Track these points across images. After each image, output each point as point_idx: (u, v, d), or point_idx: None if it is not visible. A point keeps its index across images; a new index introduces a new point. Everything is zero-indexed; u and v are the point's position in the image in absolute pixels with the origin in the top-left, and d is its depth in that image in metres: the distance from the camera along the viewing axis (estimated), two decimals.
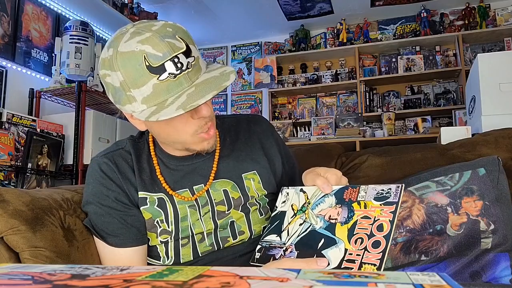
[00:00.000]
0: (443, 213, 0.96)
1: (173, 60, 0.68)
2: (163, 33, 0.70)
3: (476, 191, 0.96)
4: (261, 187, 0.90)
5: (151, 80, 0.69)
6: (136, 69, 0.69)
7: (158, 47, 0.68)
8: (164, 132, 0.79)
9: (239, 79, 4.80)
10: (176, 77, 0.69)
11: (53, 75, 2.73)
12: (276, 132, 0.99)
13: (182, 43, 0.70)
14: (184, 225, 0.84)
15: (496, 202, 0.95)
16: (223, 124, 0.95)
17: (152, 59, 0.68)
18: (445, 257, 0.94)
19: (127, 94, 0.71)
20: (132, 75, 0.69)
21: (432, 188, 1.00)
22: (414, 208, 1.00)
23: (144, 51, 0.68)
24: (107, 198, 0.82)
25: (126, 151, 0.87)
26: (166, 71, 0.68)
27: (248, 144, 0.93)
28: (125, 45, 0.70)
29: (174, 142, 0.81)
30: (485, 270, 0.92)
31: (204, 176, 0.87)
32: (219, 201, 0.86)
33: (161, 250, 0.85)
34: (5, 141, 2.26)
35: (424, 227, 0.97)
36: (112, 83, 0.72)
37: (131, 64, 0.69)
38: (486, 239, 0.93)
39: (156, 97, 0.70)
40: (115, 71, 0.71)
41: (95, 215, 0.84)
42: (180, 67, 0.69)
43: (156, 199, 0.84)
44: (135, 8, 3.62)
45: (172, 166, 0.87)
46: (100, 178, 0.83)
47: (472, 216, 0.94)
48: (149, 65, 0.68)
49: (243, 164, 0.90)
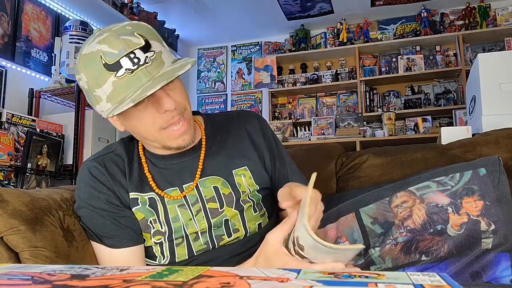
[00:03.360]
0: (444, 213, 0.96)
1: (129, 56, 0.70)
2: (120, 32, 0.72)
3: (476, 191, 0.96)
4: (253, 182, 0.89)
5: (110, 77, 0.71)
6: (95, 69, 0.71)
7: (113, 45, 0.70)
8: (136, 130, 0.80)
9: (239, 79, 4.80)
10: (133, 72, 0.70)
11: (52, 75, 2.73)
12: (268, 129, 0.97)
13: (140, 39, 0.72)
14: (176, 226, 0.84)
15: (496, 202, 0.95)
16: (214, 122, 0.95)
17: (108, 57, 0.70)
18: (446, 257, 0.94)
19: (94, 95, 0.74)
20: (93, 75, 0.72)
21: (432, 188, 1.00)
22: (414, 208, 0.99)
23: (101, 50, 0.71)
24: (99, 200, 0.83)
25: (116, 154, 0.88)
26: (123, 67, 0.70)
27: (238, 140, 0.93)
28: (87, 47, 0.74)
29: (148, 140, 0.82)
30: (485, 270, 0.92)
31: (193, 174, 0.87)
32: (210, 198, 0.86)
33: (157, 250, 0.86)
34: (4, 141, 2.26)
35: (425, 227, 0.97)
36: (83, 86, 0.76)
37: (90, 64, 0.72)
38: (486, 239, 0.93)
39: (118, 94, 0.71)
40: (80, 74, 0.74)
41: (88, 218, 0.84)
42: (136, 62, 0.70)
43: (147, 199, 0.84)
44: (135, 8, 3.62)
45: (161, 165, 0.87)
46: (91, 182, 0.84)
47: (473, 216, 0.94)
48: (106, 63, 0.70)
49: (233, 160, 0.89)
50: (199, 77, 4.93)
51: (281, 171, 0.96)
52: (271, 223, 0.93)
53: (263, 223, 0.91)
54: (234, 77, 4.83)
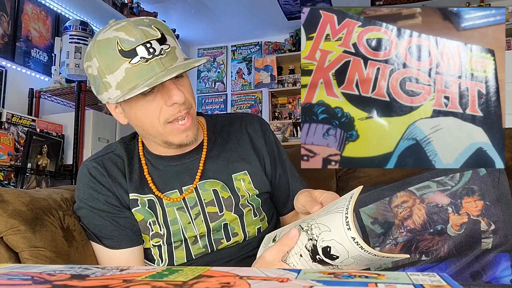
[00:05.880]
0: (444, 213, 0.96)
1: (145, 45, 0.71)
2: (138, 23, 0.73)
3: (476, 191, 0.96)
4: (252, 187, 0.88)
5: (124, 64, 0.71)
6: (110, 54, 0.72)
7: (130, 33, 0.72)
8: (140, 122, 0.79)
9: (239, 79, 4.80)
10: (147, 62, 0.71)
11: (52, 75, 2.73)
12: (271, 134, 0.96)
13: (157, 32, 0.73)
14: (175, 229, 0.83)
15: (497, 202, 0.95)
16: (216, 125, 0.94)
17: (124, 43, 0.71)
18: (446, 257, 0.94)
19: (103, 81, 0.74)
20: (107, 60, 0.72)
21: (432, 188, 1.00)
22: (414, 208, 1.00)
23: (118, 37, 0.72)
24: (98, 201, 0.83)
25: (116, 155, 0.87)
26: (138, 55, 0.71)
27: (239, 144, 0.92)
28: (102, 34, 0.75)
29: (150, 134, 0.81)
30: (485, 270, 0.92)
31: (193, 176, 0.86)
32: (209, 201, 0.85)
33: (155, 253, 0.85)
34: (4, 141, 2.26)
35: (425, 227, 0.97)
36: (92, 73, 0.76)
37: (105, 49, 0.72)
38: (486, 239, 0.93)
39: (129, 81, 0.72)
40: (92, 59, 0.74)
41: (87, 218, 0.84)
42: (152, 52, 0.71)
43: (146, 201, 0.84)
44: (135, 8, 3.62)
45: (160, 167, 0.87)
46: (90, 182, 0.84)
47: (473, 216, 0.94)
48: (121, 49, 0.71)
49: (233, 164, 0.89)
50: (199, 77, 4.93)
51: (282, 177, 0.95)
52: (270, 227, 0.92)
53: (262, 227, 0.90)
54: (234, 77, 4.83)
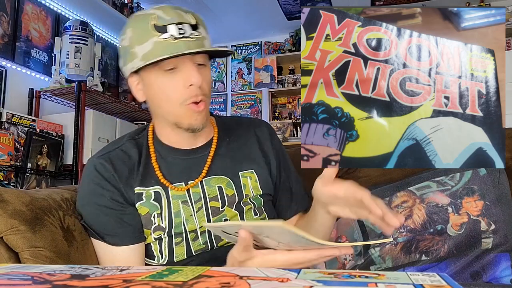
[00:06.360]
0: (444, 213, 0.96)
1: (177, 25, 0.77)
2: (177, 7, 0.80)
3: (476, 191, 0.96)
4: (258, 186, 0.90)
5: (153, 38, 0.77)
6: (143, 27, 0.78)
7: (167, 12, 0.78)
8: (157, 99, 0.82)
9: (239, 79, 4.80)
10: (176, 40, 0.76)
11: (52, 75, 2.73)
12: (277, 139, 0.99)
13: (192, 19, 0.80)
14: (177, 221, 0.84)
15: (496, 202, 0.95)
16: (224, 124, 0.97)
17: (158, 20, 0.77)
18: (446, 257, 0.94)
19: (131, 51, 0.80)
20: (139, 32, 0.79)
21: (432, 188, 1.00)
22: (414, 208, 1.00)
23: (154, 13, 0.78)
24: (103, 197, 0.83)
25: (123, 150, 0.88)
26: (168, 32, 0.76)
27: (247, 145, 0.94)
28: (142, 11, 0.82)
29: (165, 111, 0.83)
30: (485, 270, 0.92)
31: (199, 171, 0.88)
32: (213, 197, 0.86)
33: (156, 248, 0.86)
34: (4, 141, 2.26)
35: (425, 227, 0.97)
36: (124, 44, 0.82)
37: (140, 22, 0.79)
38: (486, 239, 0.93)
39: (154, 54, 0.76)
40: (126, 30, 0.81)
41: (91, 215, 0.84)
42: (182, 33, 0.77)
43: (152, 193, 0.84)
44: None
45: (168, 159, 0.88)
46: (96, 179, 0.84)
47: (473, 216, 0.94)
48: (155, 24, 0.77)
49: (241, 163, 0.91)
50: None
51: (285, 182, 0.96)
52: None
53: None
54: (234, 77, 4.83)
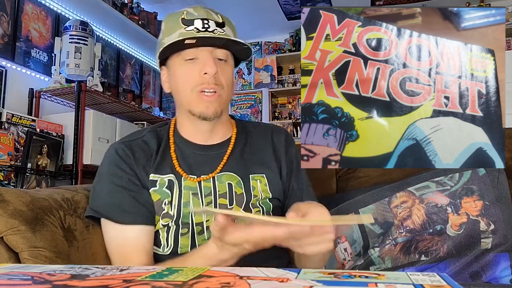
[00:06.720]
0: (443, 213, 0.96)
1: (203, 21, 0.84)
2: (210, 9, 0.87)
3: (476, 191, 0.96)
4: (267, 189, 0.91)
5: (180, 29, 0.84)
6: (173, 21, 0.86)
7: (197, 10, 0.86)
8: (176, 87, 0.89)
9: (239, 79, 4.80)
10: (199, 32, 0.82)
11: (52, 75, 2.72)
12: (293, 148, 0.98)
13: (220, 19, 0.86)
14: (185, 211, 0.86)
15: (496, 202, 0.95)
16: (244, 128, 0.99)
17: (187, 15, 0.85)
18: (445, 257, 0.94)
19: (161, 41, 0.88)
20: (169, 25, 0.87)
21: (432, 188, 1.00)
22: (414, 208, 1.00)
23: (186, 10, 0.87)
24: (121, 179, 0.87)
25: (144, 141, 0.92)
26: (193, 26, 0.84)
27: (262, 150, 0.96)
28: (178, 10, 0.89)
29: (182, 99, 0.88)
30: (485, 270, 0.92)
31: (214, 168, 0.90)
32: (222, 193, 0.88)
33: (163, 236, 0.87)
34: (4, 141, 2.26)
35: (424, 227, 0.97)
36: (158, 38, 0.91)
37: (172, 18, 0.87)
38: (486, 239, 0.93)
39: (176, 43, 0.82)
40: (161, 25, 0.91)
41: (109, 193, 0.87)
42: (206, 28, 0.83)
43: (166, 181, 0.87)
44: (135, 8, 3.61)
45: (186, 152, 0.91)
46: (116, 161, 0.88)
47: (472, 216, 0.94)
48: (183, 18, 0.85)
49: (253, 166, 0.92)
50: None
51: (296, 191, 0.96)
52: None
53: None
54: (234, 77, 4.83)
